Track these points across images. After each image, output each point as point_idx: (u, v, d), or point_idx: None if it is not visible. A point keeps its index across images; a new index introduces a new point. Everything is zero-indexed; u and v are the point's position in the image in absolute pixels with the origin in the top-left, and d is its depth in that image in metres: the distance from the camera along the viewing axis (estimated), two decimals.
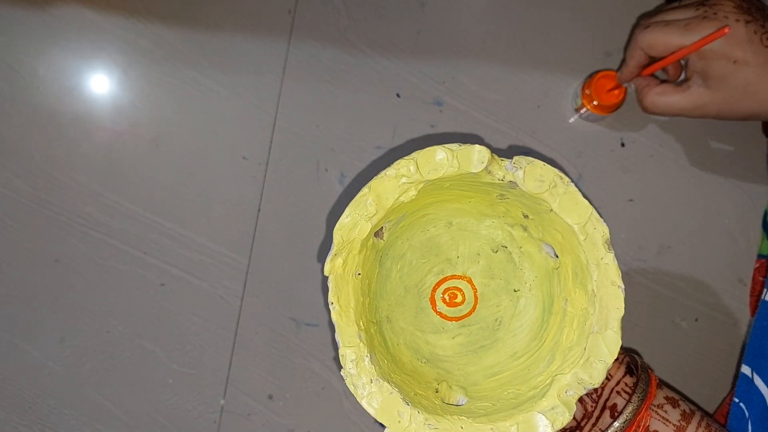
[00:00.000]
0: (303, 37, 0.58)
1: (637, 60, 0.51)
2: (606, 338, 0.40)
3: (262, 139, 0.58)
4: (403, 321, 0.47)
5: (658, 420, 0.43)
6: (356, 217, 0.40)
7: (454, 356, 0.46)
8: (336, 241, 0.40)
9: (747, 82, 0.47)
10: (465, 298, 0.47)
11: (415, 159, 0.40)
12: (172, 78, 0.58)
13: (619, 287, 0.40)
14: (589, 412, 0.43)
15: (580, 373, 0.40)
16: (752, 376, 0.49)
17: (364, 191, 0.40)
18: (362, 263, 0.42)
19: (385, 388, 0.40)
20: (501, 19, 0.59)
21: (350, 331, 0.41)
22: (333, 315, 0.40)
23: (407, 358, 0.45)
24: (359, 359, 0.40)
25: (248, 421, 0.57)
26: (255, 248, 0.58)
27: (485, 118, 0.58)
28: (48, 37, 0.58)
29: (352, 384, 0.40)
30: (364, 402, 0.40)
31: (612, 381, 0.43)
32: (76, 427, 0.57)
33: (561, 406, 0.40)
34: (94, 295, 0.57)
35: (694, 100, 0.49)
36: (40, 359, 0.57)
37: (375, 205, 0.40)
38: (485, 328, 0.47)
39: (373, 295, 0.45)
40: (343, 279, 0.41)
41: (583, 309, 0.41)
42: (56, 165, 0.57)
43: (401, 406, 0.40)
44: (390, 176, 0.40)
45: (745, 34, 0.47)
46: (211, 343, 0.57)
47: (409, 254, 0.47)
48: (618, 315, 0.40)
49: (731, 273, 0.58)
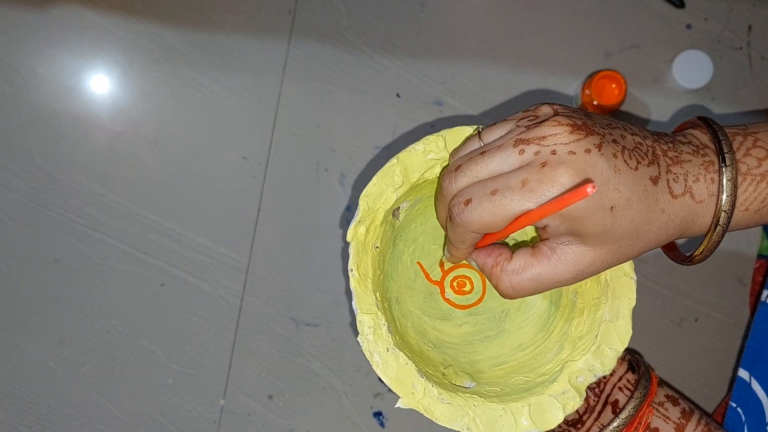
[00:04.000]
0: (303, 37, 0.58)
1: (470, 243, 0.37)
2: (617, 327, 0.40)
3: (262, 139, 0.58)
4: (412, 304, 0.46)
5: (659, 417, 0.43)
6: (383, 186, 0.40)
7: (460, 344, 0.46)
8: (361, 207, 0.40)
9: (634, 226, 0.34)
10: (474, 287, 0.47)
11: (444, 136, 0.40)
12: (172, 78, 0.58)
13: (632, 278, 0.40)
14: (591, 406, 0.43)
15: (591, 361, 0.40)
16: (750, 381, 0.49)
17: (393, 162, 0.40)
18: (381, 237, 0.42)
19: (401, 358, 0.40)
20: (501, 19, 0.59)
21: (368, 299, 0.40)
22: (352, 282, 0.40)
23: (414, 341, 0.45)
24: (377, 327, 0.40)
25: (248, 421, 0.57)
26: (255, 248, 0.58)
27: (485, 118, 0.58)
28: (48, 37, 0.58)
29: (368, 351, 0.39)
30: (379, 370, 0.39)
31: (614, 377, 0.43)
32: (76, 427, 0.57)
33: (572, 391, 0.40)
34: (94, 295, 0.57)
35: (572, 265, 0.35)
36: (40, 359, 0.57)
37: (402, 177, 0.40)
38: (492, 318, 0.47)
39: (385, 273, 0.45)
40: (364, 248, 0.40)
41: (594, 299, 0.42)
42: (56, 165, 0.57)
43: (416, 378, 0.39)
44: (418, 151, 0.40)
45: (606, 165, 0.33)
46: (211, 343, 0.57)
47: (422, 239, 0.47)
48: (630, 305, 0.40)
49: (731, 273, 0.58)
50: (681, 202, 0.35)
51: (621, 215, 0.33)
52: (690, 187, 0.35)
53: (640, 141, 0.35)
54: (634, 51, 0.59)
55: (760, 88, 0.59)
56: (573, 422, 0.43)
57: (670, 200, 0.35)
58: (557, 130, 0.33)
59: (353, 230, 0.40)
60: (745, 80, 0.59)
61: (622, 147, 0.34)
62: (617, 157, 0.33)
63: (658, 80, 0.59)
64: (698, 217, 0.36)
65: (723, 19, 0.59)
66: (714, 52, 0.59)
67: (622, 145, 0.34)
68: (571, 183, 0.32)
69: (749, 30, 0.60)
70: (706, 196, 0.35)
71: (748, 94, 0.59)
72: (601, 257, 0.35)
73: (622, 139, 0.34)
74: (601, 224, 0.33)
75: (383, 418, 0.57)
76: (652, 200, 0.34)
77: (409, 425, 0.57)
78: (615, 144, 0.34)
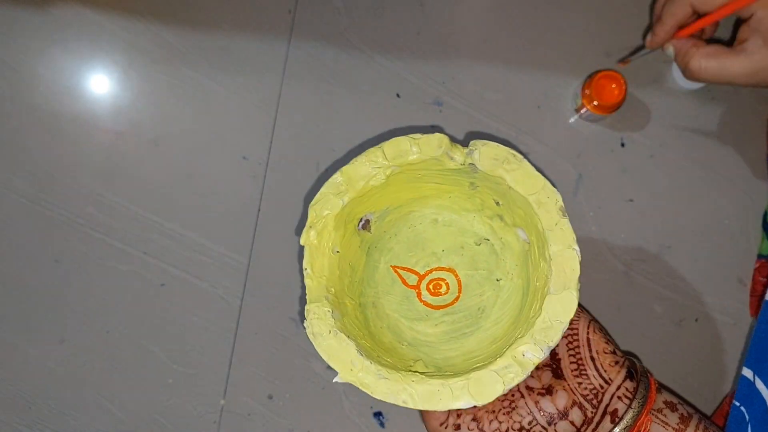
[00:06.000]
0: (303, 37, 0.58)
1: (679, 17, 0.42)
2: (562, 299, 0.41)
3: (262, 139, 0.58)
4: (389, 308, 0.49)
5: (658, 424, 0.43)
6: (328, 195, 0.45)
7: (437, 342, 0.49)
8: (310, 215, 0.45)
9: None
10: (449, 288, 0.50)
11: (383, 147, 0.44)
12: (172, 78, 0.58)
13: (574, 249, 0.42)
14: (589, 417, 0.43)
15: (536, 334, 0.41)
16: (754, 380, 0.48)
17: (337, 174, 0.45)
18: (340, 242, 0.46)
19: (342, 339, 0.43)
20: (501, 19, 0.59)
21: (318, 293, 0.44)
22: (306, 279, 0.44)
23: (388, 339, 0.48)
24: (321, 314, 0.43)
25: (248, 421, 0.57)
26: (255, 248, 0.58)
27: (485, 118, 0.58)
28: (48, 37, 0.58)
29: (311, 334, 0.43)
30: (320, 349, 0.43)
31: (612, 386, 0.43)
32: (76, 427, 0.57)
33: (515, 366, 0.41)
34: (94, 295, 0.57)
35: (753, 63, 0.40)
36: (40, 359, 0.57)
37: (346, 185, 0.45)
38: (468, 316, 0.49)
39: (359, 280, 0.49)
40: (319, 251, 0.45)
41: (544, 277, 0.43)
42: (56, 165, 0.57)
43: (355, 356, 0.42)
44: (361, 162, 0.45)
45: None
46: (211, 343, 0.57)
47: (397, 248, 0.50)
48: (574, 276, 0.42)
49: (731, 273, 0.58)
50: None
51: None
52: None
53: None
54: None
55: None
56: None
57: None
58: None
59: (305, 235, 0.45)
60: None
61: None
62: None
63: (658, 80, 0.59)
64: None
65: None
66: None
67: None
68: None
69: None
70: None
71: (748, 94, 0.59)
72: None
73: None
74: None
75: (383, 418, 0.57)
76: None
77: (410, 425, 0.57)
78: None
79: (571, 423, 0.43)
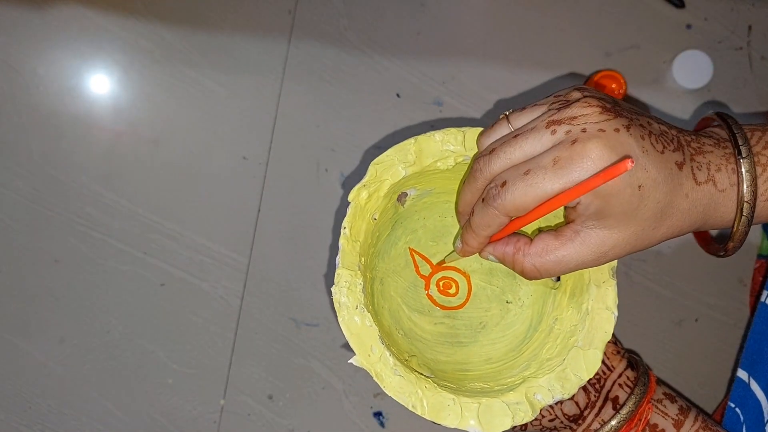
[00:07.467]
0: (303, 37, 0.58)
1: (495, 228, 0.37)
2: (587, 355, 0.40)
3: (262, 139, 0.58)
4: (394, 290, 0.47)
5: (658, 414, 0.43)
6: (395, 160, 0.41)
7: (431, 341, 0.47)
8: (369, 172, 0.41)
9: (659, 208, 0.35)
10: (459, 291, 0.47)
11: (464, 132, 0.41)
12: (172, 78, 0.58)
13: (613, 314, 0.41)
14: (592, 401, 0.43)
15: (554, 382, 0.40)
16: (749, 381, 0.49)
17: (410, 141, 0.41)
18: (381, 211, 0.43)
19: (367, 320, 0.40)
20: (501, 19, 0.59)
21: (352, 258, 0.41)
22: (341, 239, 0.40)
23: (387, 323, 0.46)
24: (353, 284, 0.40)
25: (248, 421, 0.57)
26: (255, 248, 0.58)
27: (485, 118, 0.58)
28: (48, 37, 0.58)
29: (338, 302, 0.40)
30: (343, 324, 0.39)
31: (614, 373, 0.44)
32: (76, 427, 0.57)
33: (526, 404, 0.40)
34: (94, 295, 0.57)
35: (595, 248, 0.36)
36: (40, 359, 0.57)
37: (415, 156, 0.41)
38: (469, 326, 0.47)
39: (376, 252, 0.46)
40: (362, 213, 0.41)
41: (572, 326, 0.42)
42: (56, 165, 0.57)
43: (376, 342, 0.39)
44: (437, 139, 0.41)
45: (634, 144, 0.33)
46: (211, 343, 0.57)
47: (421, 232, 0.47)
48: (605, 338, 0.40)
49: (731, 273, 0.58)
50: (704, 190, 0.36)
51: (648, 195, 0.34)
52: (713, 176, 0.36)
53: (665, 129, 0.36)
54: (634, 51, 0.59)
55: (760, 88, 0.59)
56: (574, 417, 0.43)
57: (693, 186, 0.35)
58: (587, 111, 0.34)
59: (356, 191, 0.41)
60: (745, 80, 0.59)
61: (648, 131, 0.35)
62: (644, 139, 0.34)
63: (658, 80, 0.59)
64: (720, 207, 0.36)
65: (723, 19, 0.59)
66: (714, 52, 0.59)
67: (648, 129, 0.35)
68: (601, 157, 0.33)
69: (749, 30, 0.60)
70: (727, 185, 0.36)
71: (748, 94, 0.59)
72: (624, 239, 0.36)
73: (649, 125, 0.35)
74: (629, 203, 0.34)
75: (383, 418, 0.57)
76: (677, 184, 0.35)
77: (410, 425, 0.57)
78: (642, 127, 0.34)
79: (576, 404, 0.43)
